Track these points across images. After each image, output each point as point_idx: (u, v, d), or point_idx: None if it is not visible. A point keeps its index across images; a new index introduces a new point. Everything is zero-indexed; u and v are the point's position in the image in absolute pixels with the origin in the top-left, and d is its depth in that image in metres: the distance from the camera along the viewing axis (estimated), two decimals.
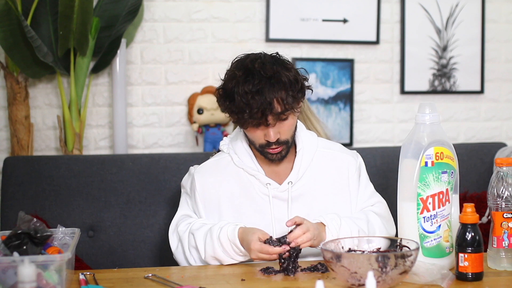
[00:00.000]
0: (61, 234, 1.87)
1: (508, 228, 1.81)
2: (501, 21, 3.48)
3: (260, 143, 1.97)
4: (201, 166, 2.12)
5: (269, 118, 1.90)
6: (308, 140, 2.09)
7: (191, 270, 1.94)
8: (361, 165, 2.14)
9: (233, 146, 2.10)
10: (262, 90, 1.87)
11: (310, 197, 2.05)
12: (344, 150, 2.15)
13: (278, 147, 1.97)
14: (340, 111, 3.34)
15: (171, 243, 2.07)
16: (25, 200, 2.64)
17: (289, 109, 1.91)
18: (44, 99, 3.18)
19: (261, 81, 1.88)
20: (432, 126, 1.81)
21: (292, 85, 1.91)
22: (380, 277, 1.61)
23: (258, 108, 1.87)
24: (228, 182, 2.06)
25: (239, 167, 2.06)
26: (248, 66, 1.92)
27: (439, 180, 1.79)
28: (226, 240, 1.91)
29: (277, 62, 1.95)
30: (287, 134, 1.97)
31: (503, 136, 3.50)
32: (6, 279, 1.55)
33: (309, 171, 2.06)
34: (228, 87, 1.93)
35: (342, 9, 3.31)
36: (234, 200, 2.05)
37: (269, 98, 1.87)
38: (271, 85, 1.88)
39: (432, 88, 3.42)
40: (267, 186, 2.03)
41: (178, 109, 3.27)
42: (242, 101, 1.88)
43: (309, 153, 2.07)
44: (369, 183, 2.16)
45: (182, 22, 3.25)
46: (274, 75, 1.90)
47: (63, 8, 2.81)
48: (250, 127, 1.94)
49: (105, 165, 2.70)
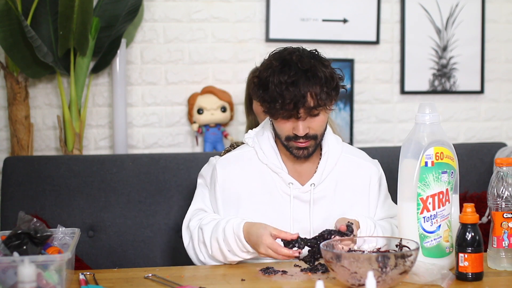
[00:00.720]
0: (61, 234, 1.87)
1: (508, 228, 1.81)
2: (501, 21, 3.48)
3: (287, 135, 1.94)
4: (223, 157, 2.09)
5: (301, 111, 1.89)
6: (333, 144, 2.07)
7: (191, 270, 1.94)
8: (382, 175, 2.14)
9: (259, 141, 2.06)
10: (297, 82, 1.87)
11: (330, 201, 2.03)
12: (368, 159, 2.14)
13: (306, 141, 1.94)
14: (340, 111, 3.34)
15: (184, 239, 2.05)
16: (25, 200, 2.64)
17: (322, 105, 1.90)
18: (44, 99, 3.18)
19: (297, 73, 1.88)
20: (432, 126, 1.81)
21: (328, 82, 1.91)
22: (380, 277, 1.61)
23: (291, 100, 1.86)
24: (250, 177, 2.03)
25: (263, 163, 2.03)
26: (286, 57, 1.92)
27: (439, 180, 1.78)
28: (231, 233, 1.90)
29: (314, 57, 1.95)
30: (316, 130, 1.95)
31: (503, 136, 3.50)
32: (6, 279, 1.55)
33: (332, 175, 2.05)
34: (263, 76, 1.93)
35: (342, 9, 3.31)
36: (254, 196, 2.02)
37: (303, 91, 1.87)
38: (307, 78, 1.88)
39: (432, 88, 3.42)
40: (289, 186, 2.01)
41: (178, 109, 3.27)
42: (276, 91, 1.88)
43: (333, 157, 2.05)
44: (388, 195, 2.16)
45: (182, 22, 3.25)
46: (310, 68, 1.90)
47: (63, 8, 2.81)
48: (281, 118, 1.92)
49: (105, 165, 2.70)
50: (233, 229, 1.90)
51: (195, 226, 2.01)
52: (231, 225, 1.91)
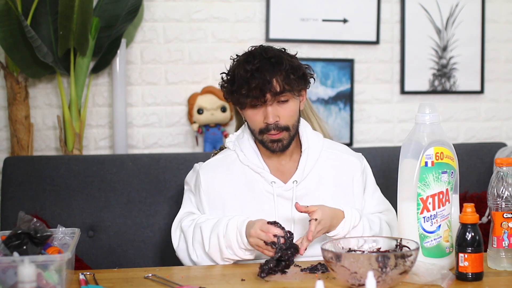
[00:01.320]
0: (61, 234, 1.87)
1: (508, 228, 1.81)
2: (501, 21, 3.48)
3: (260, 127, 1.97)
4: (206, 162, 2.12)
5: (267, 95, 1.92)
6: (313, 140, 2.09)
7: (191, 270, 1.94)
8: (366, 168, 2.14)
9: (239, 143, 2.10)
10: (261, 69, 1.91)
11: (314, 197, 2.04)
12: (350, 152, 2.15)
13: (278, 133, 1.96)
14: (340, 111, 3.34)
15: (173, 240, 2.06)
16: (25, 200, 2.64)
17: (289, 90, 1.93)
18: (44, 99, 3.18)
19: (261, 60, 1.92)
20: (432, 126, 1.81)
21: (293, 69, 1.95)
22: (380, 277, 1.61)
23: (257, 85, 1.90)
24: (233, 179, 2.06)
25: (244, 165, 2.06)
26: (251, 50, 1.98)
27: (439, 180, 1.79)
28: (234, 228, 1.91)
29: (281, 50, 2.00)
30: (286, 119, 1.97)
31: (503, 136, 3.50)
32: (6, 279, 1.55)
33: (314, 171, 2.06)
34: (230, 70, 1.98)
35: (342, 9, 3.31)
36: (239, 197, 2.05)
37: (269, 76, 1.90)
38: (271, 64, 1.92)
39: (432, 88, 3.42)
40: (271, 185, 2.03)
41: (178, 109, 3.27)
42: (241, 79, 1.92)
43: (314, 153, 2.07)
44: (376, 188, 2.16)
45: (182, 22, 3.25)
46: (274, 56, 1.94)
47: (63, 8, 2.81)
48: (249, 107, 1.95)
49: (105, 165, 2.70)
50: (237, 225, 1.91)
51: (189, 226, 2.02)
52: (235, 221, 1.93)
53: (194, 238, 1.99)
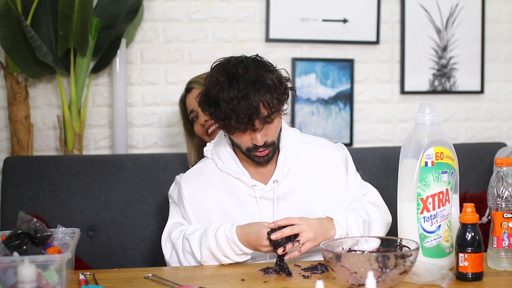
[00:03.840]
0: (61, 234, 1.87)
1: (508, 228, 1.81)
2: (501, 21, 3.48)
3: (247, 146, 1.96)
4: (186, 173, 2.13)
5: (256, 122, 1.89)
6: (290, 137, 2.08)
7: (191, 270, 1.94)
8: (347, 156, 2.13)
9: (217, 152, 2.09)
10: (247, 95, 1.86)
11: (297, 194, 2.04)
12: (329, 145, 2.14)
13: (265, 150, 1.96)
14: (340, 111, 3.34)
15: (165, 252, 2.06)
16: (25, 200, 2.64)
17: (275, 112, 1.91)
18: (44, 99, 3.18)
19: (246, 86, 1.86)
20: (432, 126, 1.81)
21: (277, 88, 1.91)
22: (380, 277, 1.61)
23: (245, 114, 1.86)
24: (215, 187, 2.06)
25: (223, 172, 2.06)
26: (231, 71, 1.90)
27: (439, 180, 1.79)
28: (224, 238, 1.91)
29: (259, 65, 1.93)
30: (273, 136, 1.97)
31: (503, 136, 3.50)
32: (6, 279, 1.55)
33: (295, 168, 2.06)
34: (212, 93, 1.90)
35: (342, 9, 3.31)
36: (222, 204, 2.05)
37: (255, 102, 1.86)
38: (257, 89, 1.87)
39: (432, 88, 3.42)
40: (253, 188, 2.03)
41: (178, 109, 3.26)
42: (228, 107, 1.86)
43: (292, 150, 2.06)
44: (357, 174, 2.15)
45: (182, 22, 3.25)
46: (258, 78, 1.88)
47: (63, 8, 2.81)
48: (237, 132, 1.93)
49: (105, 165, 2.70)
50: (226, 234, 1.91)
51: (177, 237, 2.02)
52: (222, 230, 1.92)
53: (184, 248, 1.99)
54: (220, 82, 1.89)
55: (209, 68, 2.00)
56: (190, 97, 2.49)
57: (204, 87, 1.96)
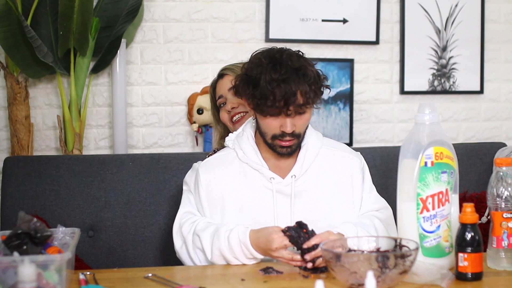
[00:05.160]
0: (61, 234, 1.87)
1: (507, 228, 1.81)
2: (501, 21, 3.49)
3: (274, 133, 1.97)
4: (205, 161, 2.13)
5: (291, 108, 1.92)
6: (313, 137, 2.10)
7: (191, 270, 1.94)
8: (364, 166, 2.15)
9: (239, 142, 2.11)
10: (288, 80, 1.90)
11: (313, 193, 2.05)
12: (349, 150, 2.16)
13: (291, 140, 1.98)
14: (340, 111, 3.34)
15: (175, 242, 2.06)
16: (25, 200, 2.64)
17: (310, 103, 1.95)
18: (44, 99, 3.18)
19: (288, 71, 1.91)
20: (432, 126, 1.81)
21: (315, 81, 1.96)
22: (380, 277, 1.61)
23: (282, 97, 1.90)
24: (232, 177, 2.07)
25: (243, 162, 2.07)
26: (276, 56, 1.96)
27: (438, 180, 1.79)
28: (236, 241, 1.91)
29: (302, 57, 2.00)
30: (301, 128, 1.99)
31: (502, 136, 3.51)
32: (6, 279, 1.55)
33: (313, 167, 2.07)
34: (253, 73, 1.95)
35: (342, 9, 3.31)
36: (238, 194, 2.05)
37: (294, 88, 1.90)
38: (298, 76, 1.92)
39: (431, 88, 3.42)
40: (270, 181, 2.04)
41: (178, 109, 3.27)
42: (267, 88, 1.90)
43: (313, 149, 2.08)
44: (373, 187, 2.16)
45: (182, 22, 3.25)
46: (300, 67, 1.94)
47: (63, 8, 2.81)
48: (270, 115, 1.95)
49: (105, 165, 2.70)
50: (239, 237, 1.91)
51: (188, 231, 2.02)
52: (236, 233, 1.92)
53: (195, 244, 2.00)
54: (263, 64, 1.94)
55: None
56: (221, 82, 2.49)
57: (244, 69, 1.99)
